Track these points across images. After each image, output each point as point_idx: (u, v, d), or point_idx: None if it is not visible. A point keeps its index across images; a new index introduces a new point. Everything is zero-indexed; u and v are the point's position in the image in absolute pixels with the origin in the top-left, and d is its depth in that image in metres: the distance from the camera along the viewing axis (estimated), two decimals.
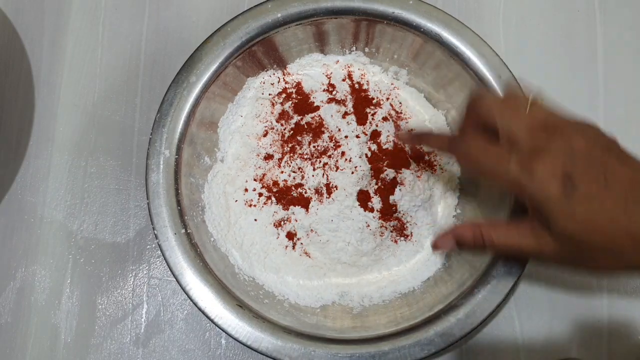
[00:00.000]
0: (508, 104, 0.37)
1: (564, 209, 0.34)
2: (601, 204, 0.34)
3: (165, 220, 0.43)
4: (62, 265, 0.50)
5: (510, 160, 0.35)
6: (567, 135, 0.35)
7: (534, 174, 0.34)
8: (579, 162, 0.34)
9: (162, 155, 0.44)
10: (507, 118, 0.36)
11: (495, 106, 0.37)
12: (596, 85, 0.53)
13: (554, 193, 0.34)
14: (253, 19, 0.46)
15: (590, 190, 0.34)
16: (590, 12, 0.55)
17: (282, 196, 0.48)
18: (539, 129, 0.35)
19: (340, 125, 0.49)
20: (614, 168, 0.34)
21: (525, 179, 0.35)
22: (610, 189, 0.34)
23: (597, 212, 0.34)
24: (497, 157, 0.36)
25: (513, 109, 0.37)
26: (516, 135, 0.35)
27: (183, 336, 0.49)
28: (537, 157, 0.34)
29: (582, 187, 0.34)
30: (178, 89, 0.45)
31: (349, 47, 0.51)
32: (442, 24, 0.46)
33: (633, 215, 0.33)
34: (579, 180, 0.34)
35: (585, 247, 0.35)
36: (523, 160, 0.35)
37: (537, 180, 0.34)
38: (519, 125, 0.36)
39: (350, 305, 0.47)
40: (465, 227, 0.40)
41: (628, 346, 0.48)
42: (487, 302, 0.41)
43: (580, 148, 0.34)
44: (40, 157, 0.52)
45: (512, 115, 0.36)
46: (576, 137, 0.35)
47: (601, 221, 0.34)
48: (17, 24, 0.54)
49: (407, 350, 0.41)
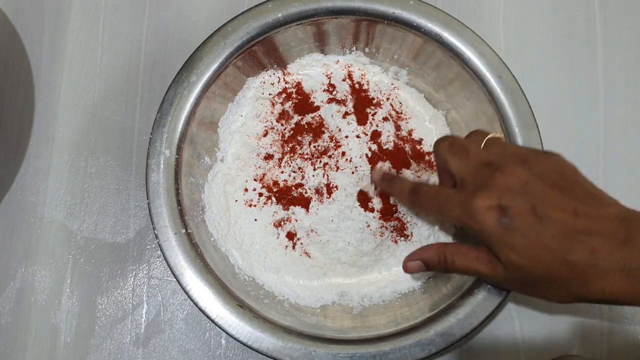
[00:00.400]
0: (458, 146, 0.39)
1: (504, 241, 0.35)
2: (537, 236, 0.34)
3: (166, 220, 0.43)
4: (62, 265, 0.50)
5: (453, 199, 0.37)
6: (509, 169, 0.36)
7: (471, 209, 0.36)
8: (517, 196, 0.35)
9: (162, 155, 0.44)
10: (457, 160, 0.39)
11: (447, 151, 0.39)
12: (596, 85, 0.53)
13: (491, 226, 0.35)
14: (253, 19, 0.46)
15: (526, 222, 0.34)
16: (590, 12, 0.55)
17: (282, 196, 0.48)
18: (483, 166, 0.37)
19: (340, 125, 0.49)
20: (553, 201, 0.34)
21: (465, 216, 0.36)
22: (546, 222, 0.34)
23: (535, 244, 0.34)
24: (445, 199, 0.38)
25: (462, 151, 0.39)
26: (464, 176, 0.38)
27: (183, 336, 0.49)
28: (476, 193, 0.36)
29: (518, 219, 0.34)
30: (178, 88, 0.45)
31: (349, 47, 0.51)
32: (442, 24, 0.46)
33: (571, 247, 0.33)
34: (516, 212, 0.34)
35: (530, 277, 0.36)
36: (465, 197, 0.36)
37: (474, 213, 0.35)
38: (467, 165, 0.38)
39: (351, 306, 0.47)
40: (432, 249, 0.41)
41: (628, 346, 0.48)
42: (487, 302, 0.41)
43: (519, 182, 0.35)
44: (40, 157, 0.52)
45: (461, 158, 0.38)
46: (517, 171, 0.36)
47: (539, 253, 0.34)
48: (17, 24, 0.54)
49: (407, 350, 0.41)
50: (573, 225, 0.34)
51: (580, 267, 0.33)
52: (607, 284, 0.33)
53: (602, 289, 0.33)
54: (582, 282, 0.34)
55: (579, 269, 0.33)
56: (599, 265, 0.33)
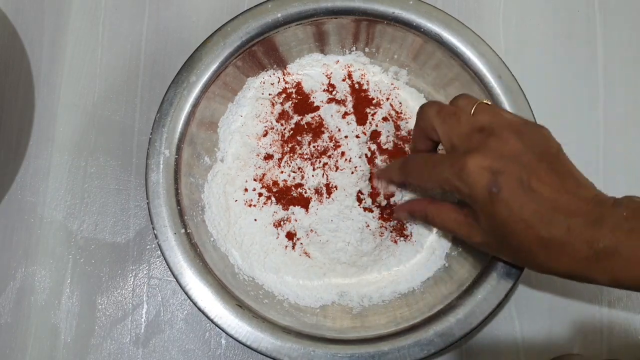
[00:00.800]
0: (448, 111, 0.39)
1: (488, 209, 0.35)
2: (520, 209, 0.34)
3: (165, 220, 0.43)
4: (62, 265, 0.50)
5: (444, 161, 0.37)
6: (503, 137, 0.36)
7: (463, 169, 0.35)
8: (507, 164, 0.35)
9: (162, 155, 0.44)
10: (446, 126, 0.38)
11: (435, 116, 0.39)
12: (596, 85, 0.53)
13: (479, 191, 0.35)
14: (253, 19, 0.46)
15: (512, 193, 0.34)
16: (590, 12, 0.55)
17: (282, 196, 0.48)
18: (476, 131, 0.37)
19: (340, 125, 0.49)
20: (540, 175, 0.35)
21: (455, 177, 0.36)
22: (531, 195, 0.34)
23: (516, 217, 0.35)
24: (434, 163, 0.38)
25: (452, 117, 0.38)
26: (454, 142, 0.37)
27: (183, 336, 0.49)
28: (470, 154, 0.36)
29: (505, 189, 0.35)
30: (178, 88, 0.45)
31: (349, 47, 0.51)
32: (442, 24, 0.46)
33: (549, 224, 0.34)
34: (504, 182, 0.35)
35: (505, 246, 0.37)
36: (457, 159, 0.36)
37: (465, 175, 0.35)
38: (458, 131, 0.37)
39: (350, 306, 0.47)
40: (419, 204, 0.43)
41: (628, 346, 0.48)
42: (487, 302, 0.41)
43: (512, 151, 0.35)
44: (40, 157, 0.52)
45: (451, 123, 0.38)
46: (511, 140, 0.36)
47: (518, 226, 0.35)
48: (17, 24, 0.54)
49: (406, 350, 0.41)
50: (554, 202, 0.34)
51: (554, 243, 0.34)
52: (575, 261, 0.34)
53: (569, 265, 0.35)
54: (553, 257, 0.35)
55: (552, 246, 0.34)
56: (570, 243, 0.34)
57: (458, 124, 0.38)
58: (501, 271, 0.42)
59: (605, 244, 0.33)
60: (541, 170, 0.35)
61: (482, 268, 0.43)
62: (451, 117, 0.38)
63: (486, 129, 0.36)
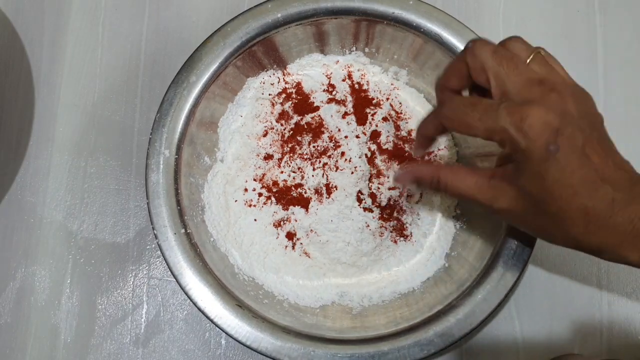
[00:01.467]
0: (505, 55, 0.35)
1: (540, 166, 0.33)
2: (571, 174, 0.33)
3: (165, 220, 0.43)
4: (62, 265, 0.50)
5: (499, 108, 0.33)
6: (564, 95, 0.33)
7: (525, 120, 0.32)
8: (568, 125, 0.32)
9: (162, 155, 0.44)
10: (502, 71, 0.34)
11: (490, 57, 0.35)
12: (596, 85, 0.53)
13: (538, 146, 0.32)
14: (253, 19, 0.46)
15: (568, 157, 0.33)
16: (590, 12, 0.55)
17: (281, 196, 0.48)
18: (535, 83, 0.34)
19: (340, 126, 0.49)
20: (592, 143, 0.33)
21: (514, 127, 0.32)
22: (584, 161, 0.33)
23: (565, 181, 0.33)
24: (485, 109, 0.34)
25: (510, 60, 0.34)
26: (509, 88, 0.34)
27: (183, 336, 0.49)
28: (530, 106, 0.33)
29: (563, 151, 0.32)
30: (178, 88, 0.45)
31: (349, 47, 0.51)
32: (442, 25, 0.46)
33: (594, 193, 0.33)
34: (563, 142, 0.32)
35: (540, 212, 0.34)
36: (514, 108, 0.33)
37: (528, 126, 0.32)
38: (515, 79, 0.34)
39: (350, 306, 0.47)
40: (425, 168, 0.40)
41: (627, 346, 0.48)
42: (487, 303, 0.41)
43: (572, 112, 0.33)
44: (40, 157, 0.52)
45: (509, 68, 0.34)
46: (571, 101, 0.34)
47: (565, 192, 0.33)
48: (17, 24, 0.54)
49: (406, 350, 0.41)
50: (603, 172, 0.33)
51: (596, 214, 0.33)
52: (612, 235, 0.33)
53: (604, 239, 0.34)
54: (590, 229, 0.33)
55: (593, 216, 0.33)
56: (613, 217, 0.33)
57: (515, 71, 0.34)
58: (501, 271, 0.42)
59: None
60: (594, 139, 0.33)
61: (482, 268, 0.43)
62: (509, 62, 0.34)
63: (546, 83, 0.34)
